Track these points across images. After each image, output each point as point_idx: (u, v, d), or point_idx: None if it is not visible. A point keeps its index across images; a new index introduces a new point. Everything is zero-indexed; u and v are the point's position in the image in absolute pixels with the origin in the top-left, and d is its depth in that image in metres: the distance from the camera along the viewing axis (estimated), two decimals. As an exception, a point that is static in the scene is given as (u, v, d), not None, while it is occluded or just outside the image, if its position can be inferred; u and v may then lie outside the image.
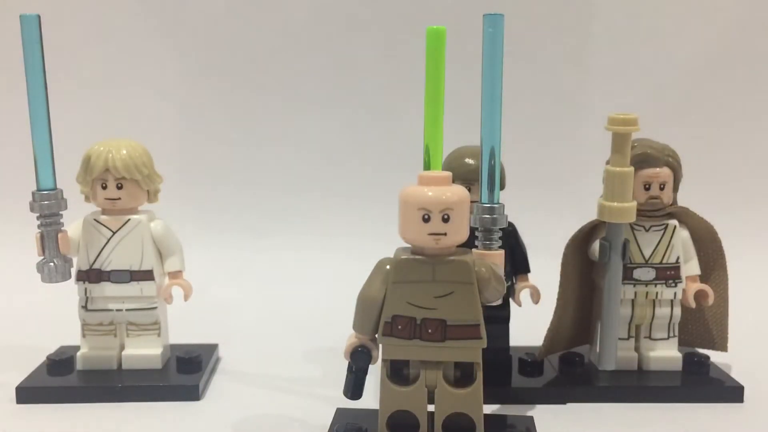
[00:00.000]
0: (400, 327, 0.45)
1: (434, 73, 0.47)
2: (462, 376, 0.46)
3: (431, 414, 0.46)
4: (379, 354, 0.46)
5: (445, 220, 0.43)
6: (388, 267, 0.45)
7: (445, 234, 0.43)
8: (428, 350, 0.45)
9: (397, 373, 0.46)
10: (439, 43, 0.46)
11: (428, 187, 0.43)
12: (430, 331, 0.44)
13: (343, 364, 0.47)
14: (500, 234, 0.47)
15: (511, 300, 0.57)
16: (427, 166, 0.48)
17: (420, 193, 0.43)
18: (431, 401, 0.46)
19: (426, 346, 0.45)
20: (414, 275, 0.44)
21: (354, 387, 0.46)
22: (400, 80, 0.94)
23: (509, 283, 0.56)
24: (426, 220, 0.43)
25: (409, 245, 0.45)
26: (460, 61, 0.82)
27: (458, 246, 0.45)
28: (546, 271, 0.58)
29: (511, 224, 0.56)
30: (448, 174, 0.44)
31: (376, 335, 0.46)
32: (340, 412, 0.50)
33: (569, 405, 0.55)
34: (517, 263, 0.57)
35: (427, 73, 0.47)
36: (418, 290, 0.44)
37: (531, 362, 0.57)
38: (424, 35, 0.47)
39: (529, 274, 0.58)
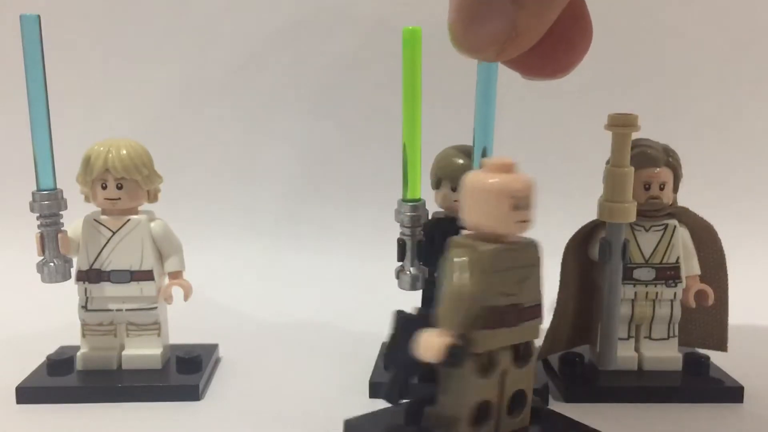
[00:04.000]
0: (490, 317, 0.44)
1: (411, 72, 0.47)
2: (520, 354, 0.46)
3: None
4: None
5: (527, 207, 0.42)
6: (475, 258, 0.43)
7: (530, 220, 0.43)
8: (509, 335, 0.44)
9: (480, 365, 0.45)
10: (414, 43, 0.47)
11: (508, 176, 0.42)
12: (510, 316, 0.44)
13: (342, 364, 0.47)
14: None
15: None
16: (405, 165, 0.48)
17: (508, 181, 0.42)
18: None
19: (508, 332, 0.44)
20: (502, 263, 0.44)
21: (402, 388, 0.45)
22: (398, 82, 0.94)
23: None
24: (516, 207, 0.42)
25: (469, 232, 0.44)
26: (460, 61, 0.82)
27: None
28: (546, 271, 0.58)
29: None
30: (512, 162, 0.43)
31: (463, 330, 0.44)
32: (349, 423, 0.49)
33: (569, 405, 0.55)
34: None
35: (404, 73, 0.47)
36: (505, 278, 0.44)
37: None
38: (425, 38, 0.47)
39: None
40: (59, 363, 0.57)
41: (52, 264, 0.55)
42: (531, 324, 0.45)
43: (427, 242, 0.54)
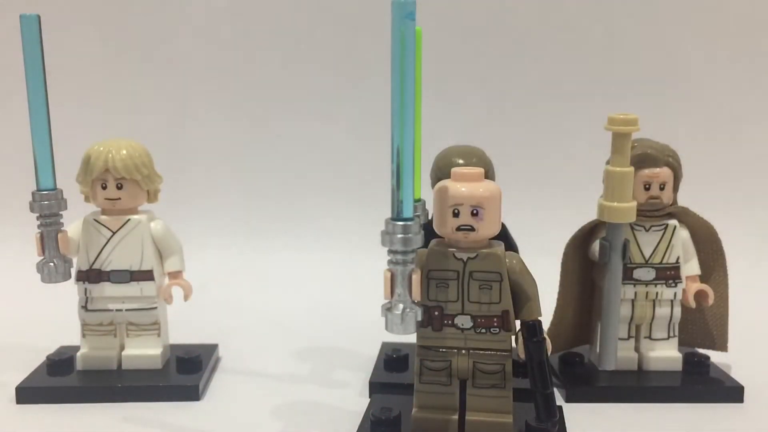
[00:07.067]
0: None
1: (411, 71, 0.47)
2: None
3: None
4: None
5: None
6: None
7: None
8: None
9: None
10: (415, 43, 0.47)
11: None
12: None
13: (341, 364, 0.47)
14: None
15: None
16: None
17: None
18: None
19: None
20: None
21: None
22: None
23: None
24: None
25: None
26: (460, 62, 0.82)
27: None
28: (546, 271, 0.58)
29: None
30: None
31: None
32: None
33: (569, 405, 0.55)
34: None
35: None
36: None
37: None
38: (426, 39, 0.47)
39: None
40: (59, 363, 0.57)
41: (52, 264, 0.55)
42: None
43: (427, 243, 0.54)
